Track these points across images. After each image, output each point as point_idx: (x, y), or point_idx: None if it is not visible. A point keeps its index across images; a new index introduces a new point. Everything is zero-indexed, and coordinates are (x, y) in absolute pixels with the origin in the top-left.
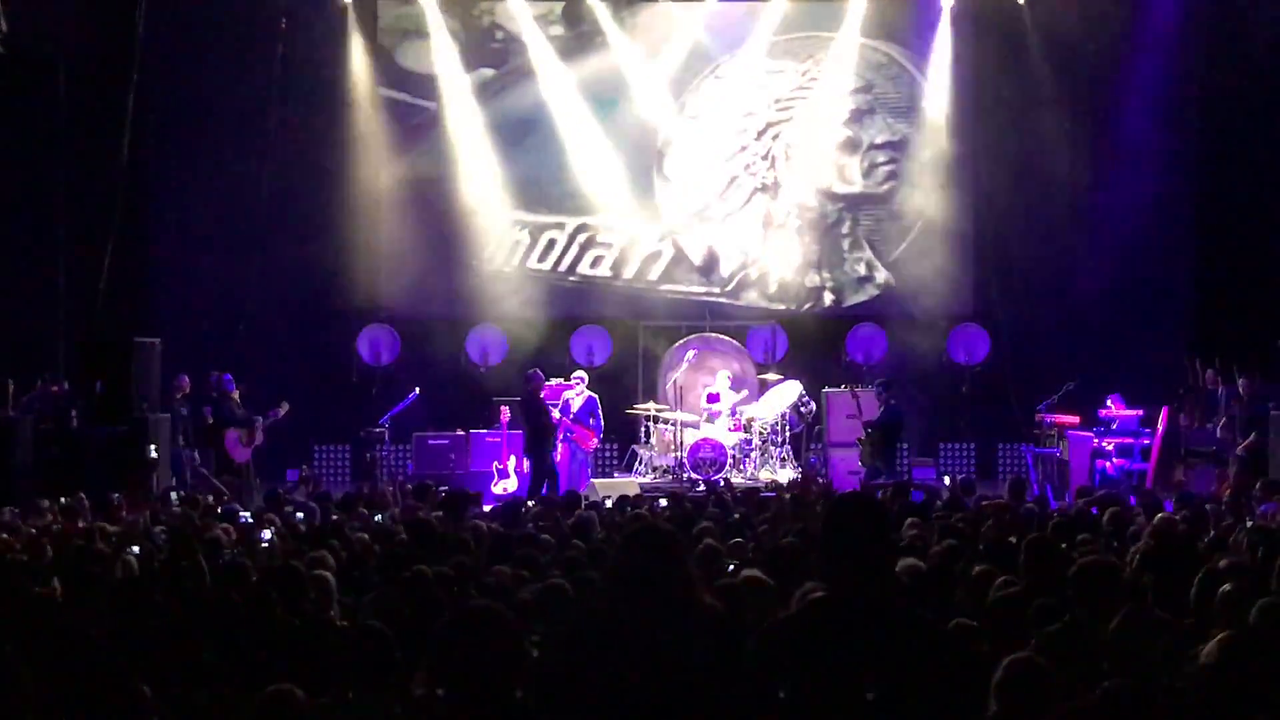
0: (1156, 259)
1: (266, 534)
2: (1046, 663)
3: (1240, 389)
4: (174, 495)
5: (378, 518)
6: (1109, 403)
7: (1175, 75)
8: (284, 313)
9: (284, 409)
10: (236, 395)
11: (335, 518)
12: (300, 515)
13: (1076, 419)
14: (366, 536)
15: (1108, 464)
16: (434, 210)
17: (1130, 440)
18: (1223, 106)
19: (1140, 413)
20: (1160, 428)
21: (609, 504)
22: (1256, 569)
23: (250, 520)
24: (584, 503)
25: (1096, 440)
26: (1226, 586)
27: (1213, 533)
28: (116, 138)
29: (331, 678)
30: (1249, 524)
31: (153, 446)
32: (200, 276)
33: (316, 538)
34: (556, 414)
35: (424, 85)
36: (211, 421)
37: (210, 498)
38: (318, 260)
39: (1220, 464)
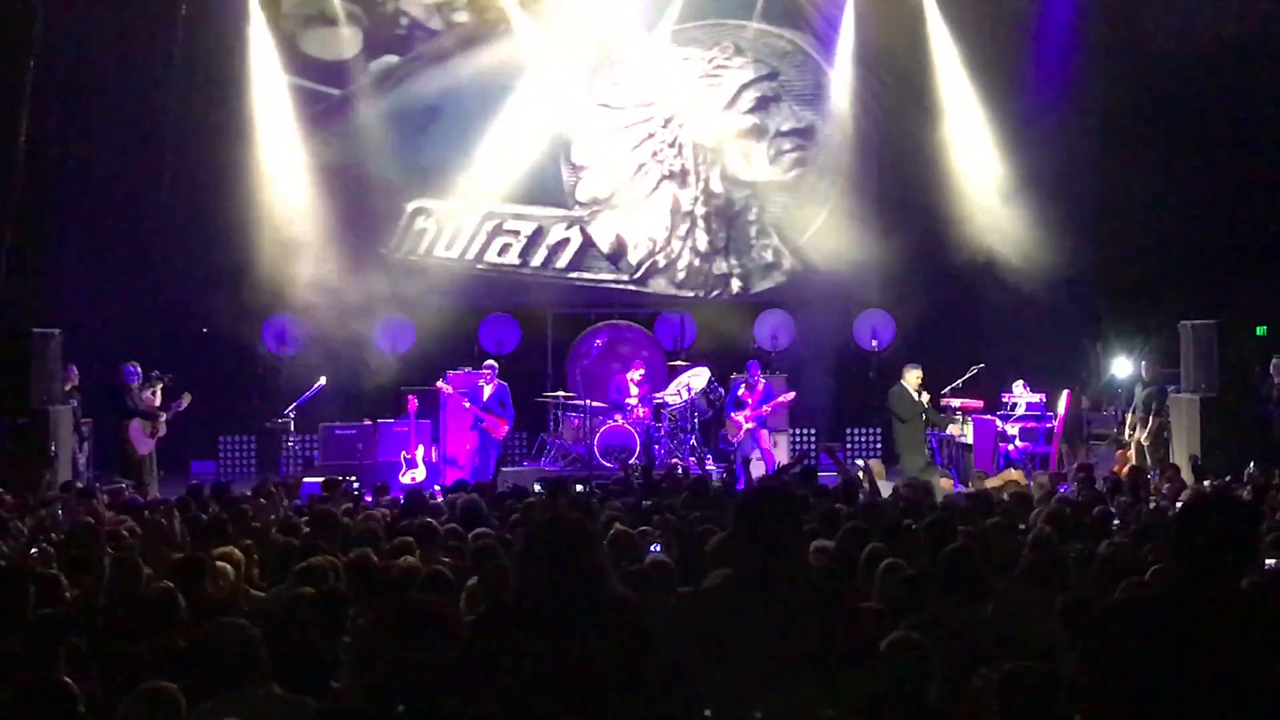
0: (1060, 244)
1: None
2: (926, 641)
3: (1142, 371)
4: (79, 485)
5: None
6: (1015, 387)
7: (1081, 56)
8: (187, 302)
9: (185, 401)
10: (136, 387)
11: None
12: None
13: (980, 403)
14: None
15: (1011, 447)
16: (339, 198)
17: (1033, 424)
18: (1126, 90)
19: (1043, 396)
20: (1062, 411)
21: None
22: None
23: (158, 512)
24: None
25: (1000, 424)
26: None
27: (1115, 516)
28: (14, 126)
29: (233, 672)
30: (1152, 505)
31: (54, 444)
32: (101, 266)
33: (218, 529)
34: (466, 403)
35: (328, 72)
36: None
37: (105, 491)
38: (221, 249)
39: (1121, 446)
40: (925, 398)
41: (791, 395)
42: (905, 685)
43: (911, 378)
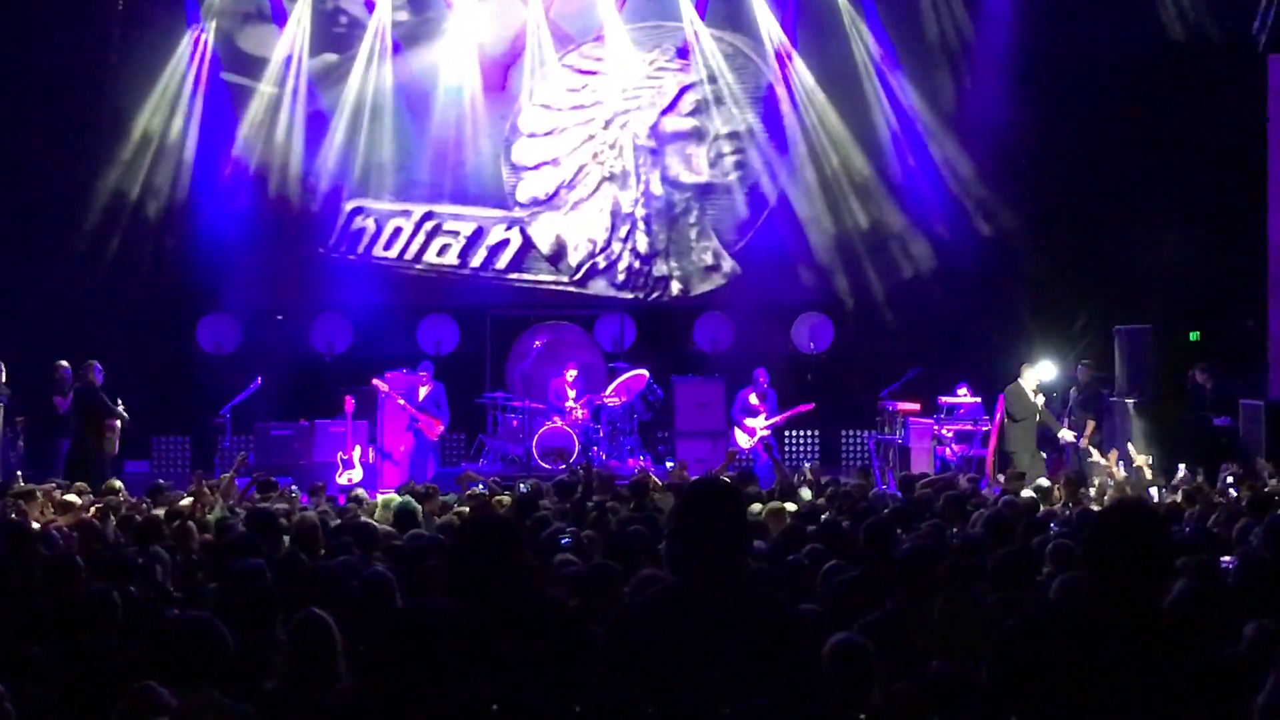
0: (996, 247)
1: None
2: (869, 644)
3: (1078, 375)
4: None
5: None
6: (959, 391)
7: (1015, 65)
8: (121, 301)
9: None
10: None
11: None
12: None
13: (918, 406)
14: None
15: (948, 450)
16: (276, 197)
17: (970, 427)
18: (1064, 95)
19: (980, 400)
20: (998, 414)
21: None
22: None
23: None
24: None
25: (937, 427)
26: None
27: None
28: None
29: (169, 671)
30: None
31: None
32: (34, 262)
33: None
34: (401, 402)
35: (265, 69)
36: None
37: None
38: (155, 247)
39: (1057, 450)
40: (1041, 400)
41: (811, 406)
42: (848, 689)
43: (1030, 377)
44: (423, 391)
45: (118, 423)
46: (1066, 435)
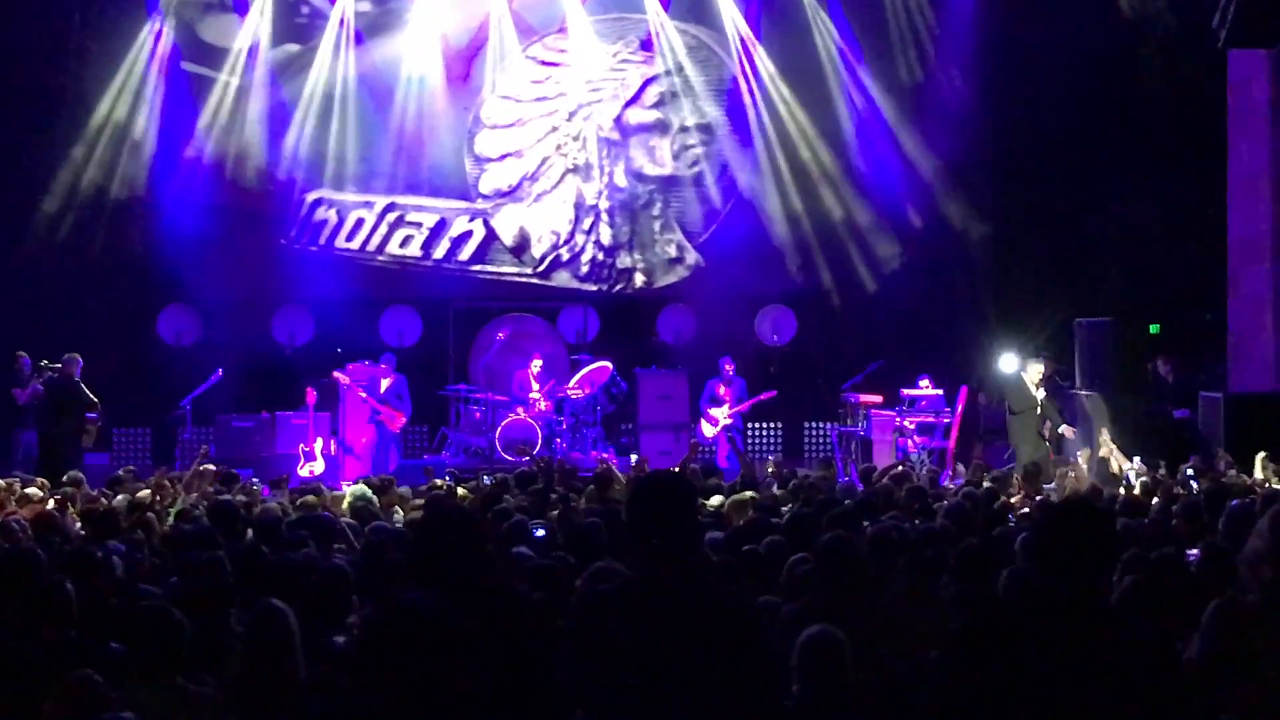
0: (958, 239)
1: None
2: (844, 637)
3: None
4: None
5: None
6: (921, 383)
7: (977, 58)
8: (81, 292)
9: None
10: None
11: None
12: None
13: (880, 398)
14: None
15: (909, 442)
16: (236, 188)
17: (931, 419)
18: (1022, 89)
19: (942, 392)
20: (959, 407)
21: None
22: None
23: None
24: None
25: (899, 419)
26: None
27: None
28: None
29: (130, 659)
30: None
31: None
32: None
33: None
34: (363, 394)
35: (226, 60)
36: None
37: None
38: (116, 238)
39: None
40: (1042, 394)
41: (773, 393)
42: (824, 683)
43: (1032, 371)
44: (384, 384)
45: (95, 415)
46: (1068, 431)
